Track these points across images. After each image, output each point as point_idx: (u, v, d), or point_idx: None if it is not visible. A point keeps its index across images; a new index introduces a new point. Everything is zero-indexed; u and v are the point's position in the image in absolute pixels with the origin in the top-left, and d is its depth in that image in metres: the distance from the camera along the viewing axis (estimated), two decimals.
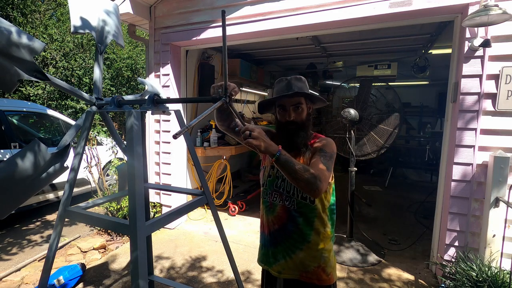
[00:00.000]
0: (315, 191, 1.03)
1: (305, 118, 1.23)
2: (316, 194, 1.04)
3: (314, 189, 1.02)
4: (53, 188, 4.04)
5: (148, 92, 1.54)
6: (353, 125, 3.03)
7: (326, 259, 1.21)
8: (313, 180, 1.01)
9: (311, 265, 1.19)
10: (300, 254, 1.20)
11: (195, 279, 2.55)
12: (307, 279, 1.20)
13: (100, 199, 1.64)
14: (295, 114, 1.21)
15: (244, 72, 5.16)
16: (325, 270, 1.20)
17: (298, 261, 1.20)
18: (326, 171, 1.09)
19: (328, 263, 1.21)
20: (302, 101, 1.22)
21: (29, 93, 6.63)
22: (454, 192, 2.34)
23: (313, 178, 1.02)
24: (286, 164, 1.00)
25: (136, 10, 3.33)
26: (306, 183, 1.01)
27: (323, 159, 1.13)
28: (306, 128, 1.24)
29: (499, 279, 1.91)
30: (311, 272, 1.19)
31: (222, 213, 4.12)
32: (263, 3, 2.88)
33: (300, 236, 1.20)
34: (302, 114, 1.22)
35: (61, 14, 7.71)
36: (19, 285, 2.47)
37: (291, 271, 1.22)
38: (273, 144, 1.01)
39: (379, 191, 5.39)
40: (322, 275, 1.20)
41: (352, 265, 2.76)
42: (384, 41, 4.31)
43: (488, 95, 2.21)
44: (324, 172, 1.07)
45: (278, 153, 0.99)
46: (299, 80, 1.26)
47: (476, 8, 2.14)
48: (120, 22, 1.72)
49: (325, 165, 1.10)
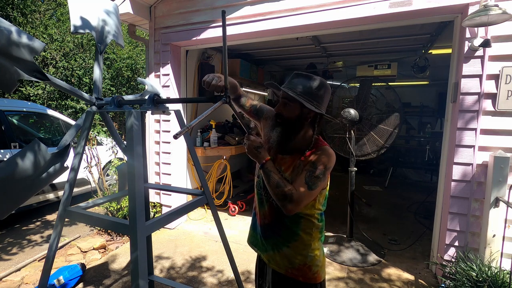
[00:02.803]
0: (284, 209, 1.09)
1: (294, 118, 1.18)
2: (285, 212, 1.10)
3: (283, 206, 1.09)
4: (53, 188, 4.04)
5: (148, 92, 1.54)
6: (353, 125, 3.03)
7: (312, 258, 1.21)
8: (282, 198, 1.08)
9: (297, 262, 1.20)
10: (287, 250, 1.21)
11: (195, 279, 2.55)
12: (292, 275, 1.21)
13: (100, 199, 1.65)
14: (282, 108, 1.20)
15: (244, 72, 5.16)
16: (311, 269, 1.21)
17: (285, 257, 1.22)
18: (306, 190, 1.08)
19: (315, 262, 1.21)
20: (291, 100, 1.16)
21: (29, 93, 6.63)
22: (454, 192, 2.34)
23: (282, 196, 1.08)
24: (265, 176, 1.13)
25: (136, 10, 3.33)
26: (276, 199, 1.11)
27: (308, 177, 1.10)
28: (295, 129, 1.20)
29: (499, 279, 1.91)
30: (296, 269, 1.20)
31: (222, 213, 4.12)
32: (263, 3, 2.88)
33: (288, 234, 1.21)
34: (289, 112, 1.18)
35: (61, 14, 7.71)
36: (19, 285, 2.47)
37: (278, 264, 1.24)
38: (260, 157, 1.15)
39: (379, 191, 5.39)
40: (308, 273, 1.21)
41: (352, 265, 2.76)
42: (384, 41, 4.31)
43: (488, 95, 2.21)
44: (300, 193, 1.08)
45: (260, 166, 1.16)
46: (309, 80, 1.16)
47: (476, 8, 2.14)
48: (120, 22, 1.73)
49: (307, 183, 1.09)
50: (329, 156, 1.16)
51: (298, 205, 1.08)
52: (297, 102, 1.15)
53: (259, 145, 1.16)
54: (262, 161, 1.14)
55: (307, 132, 1.22)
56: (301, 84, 1.16)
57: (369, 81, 3.31)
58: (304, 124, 1.20)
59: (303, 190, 1.08)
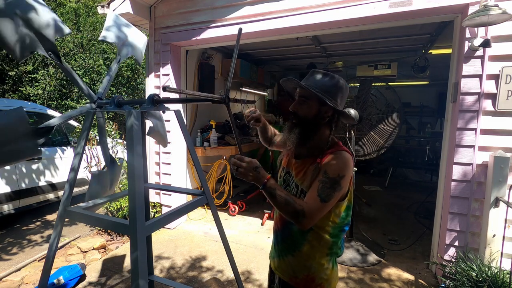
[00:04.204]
0: (298, 225, 1.04)
1: (311, 117, 1.12)
2: (300, 228, 1.05)
3: (297, 223, 1.03)
4: (53, 188, 4.04)
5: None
6: (353, 125, 3.03)
7: (316, 269, 1.14)
8: (295, 215, 1.01)
9: (300, 272, 1.16)
10: (291, 259, 1.18)
11: (195, 279, 2.55)
12: (295, 284, 1.18)
13: (100, 199, 1.64)
14: (298, 106, 1.14)
15: (244, 72, 5.16)
16: (315, 280, 1.14)
17: (289, 265, 1.19)
18: (318, 204, 1.01)
19: (319, 274, 1.14)
20: (310, 97, 1.11)
21: (29, 93, 6.64)
22: (454, 192, 2.34)
23: (295, 213, 1.01)
24: (269, 197, 1.05)
25: (136, 10, 3.33)
26: (289, 217, 1.04)
27: (321, 188, 1.03)
28: (311, 129, 1.13)
29: (499, 279, 1.91)
30: (300, 279, 1.16)
31: (222, 213, 4.12)
32: (263, 3, 2.88)
33: (292, 243, 1.17)
34: (305, 110, 1.12)
35: (61, 14, 7.70)
36: (19, 285, 2.47)
37: (283, 272, 1.22)
38: (260, 177, 1.04)
39: (379, 191, 5.39)
40: (311, 284, 1.15)
41: (352, 265, 2.76)
42: (384, 41, 4.31)
43: (488, 95, 2.21)
44: (312, 207, 1.01)
45: (261, 186, 1.05)
46: (328, 78, 1.12)
47: (476, 8, 2.14)
48: (144, 50, 1.94)
49: (320, 196, 1.02)
50: (345, 163, 1.07)
51: (312, 220, 1.02)
52: (315, 100, 1.10)
53: (257, 165, 1.05)
54: (263, 181, 1.04)
55: (324, 133, 1.15)
56: (319, 81, 1.11)
57: (369, 81, 3.32)
58: (321, 124, 1.13)
59: (316, 204, 1.01)
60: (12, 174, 3.51)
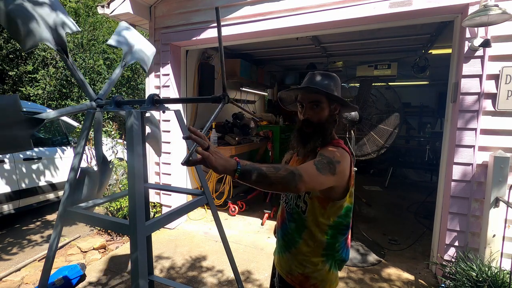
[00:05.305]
0: (294, 188, 0.90)
1: (325, 119, 1.12)
2: (295, 191, 0.92)
3: (291, 187, 0.89)
4: (53, 188, 4.04)
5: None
6: (353, 125, 3.02)
7: (310, 269, 1.14)
8: (291, 176, 0.88)
9: (295, 269, 1.17)
10: (288, 256, 1.20)
11: (195, 279, 2.55)
12: (291, 281, 1.19)
13: (100, 199, 1.65)
14: (311, 112, 1.11)
15: (244, 72, 5.16)
16: (309, 280, 1.14)
17: (287, 261, 1.21)
18: (314, 171, 0.95)
19: (314, 274, 1.14)
20: (322, 100, 1.11)
21: (29, 93, 6.64)
22: (454, 192, 2.34)
23: (290, 174, 0.89)
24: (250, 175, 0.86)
25: (136, 10, 3.33)
26: (285, 182, 0.88)
27: (317, 161, 0.99)
28: (324, 131, 1.12)
29: (499, 279, 1.91)
30: (295, 276, 1.18)
31: (222, 213, 4.12)
32: (263, 3, 2.88)
33: (290, 240, 1.18)
34: (320, 113, 1.11)
35: None
36: (19, 285, 2.47)
37: (282, 268, 1.24)
38: (232, 159, 0.87)
39: (379, 191, 5.39)
40: (305, 283, 1.15)
41: (352, 265, 2.76)
42: (384, 41, 4.31)
43: (488, 95, 2.21)
44: (308, 169, 0.94)
45: (238, 166, 0.85)
46: (327, 76, 1.15)
47: (476, 8, 2.14)
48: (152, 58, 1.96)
49: (316, 165, 0.97)
50: (342, 154, 1.06)
51: (308, 181, 0.91)
52: (325, 101, 1.11)
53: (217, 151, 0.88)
54: (235, 164, 0.86)
55: (331, 130, 1.17)
56: (322, 82, 1.13)
57: (369, 81, 3.32)
58: (332, 122, 1.14)
59: (312, 169, 0.95)
60: (12, 174, 3.51)
